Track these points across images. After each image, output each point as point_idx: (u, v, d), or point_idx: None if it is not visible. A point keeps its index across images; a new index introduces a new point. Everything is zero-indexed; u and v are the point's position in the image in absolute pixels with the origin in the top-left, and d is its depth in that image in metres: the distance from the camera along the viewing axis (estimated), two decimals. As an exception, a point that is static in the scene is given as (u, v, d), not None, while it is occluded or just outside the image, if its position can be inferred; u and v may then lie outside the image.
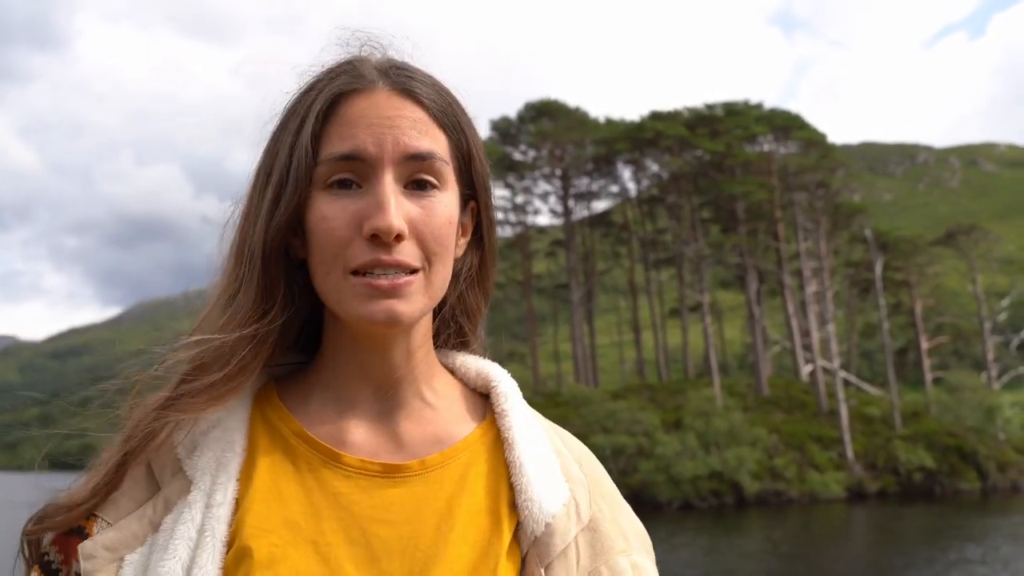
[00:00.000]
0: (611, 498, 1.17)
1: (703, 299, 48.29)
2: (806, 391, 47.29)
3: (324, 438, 1.11)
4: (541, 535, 1.07)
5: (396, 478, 1.09)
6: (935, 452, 41.24)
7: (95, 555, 1.03)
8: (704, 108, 53.13)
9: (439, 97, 1.12)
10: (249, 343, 1.08)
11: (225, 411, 1.11)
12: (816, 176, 47.76)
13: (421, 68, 1.14)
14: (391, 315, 1.04)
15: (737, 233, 47.88)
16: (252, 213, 1.11)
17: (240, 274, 1.10)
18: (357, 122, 1.07)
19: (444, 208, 1.08)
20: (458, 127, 1.12)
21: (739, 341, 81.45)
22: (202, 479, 1.06)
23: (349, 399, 1.14)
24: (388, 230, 1.02)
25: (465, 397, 1.21)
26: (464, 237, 1.18)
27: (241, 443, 1.10)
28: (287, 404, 1.15)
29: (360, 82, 1.09)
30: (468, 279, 1.22)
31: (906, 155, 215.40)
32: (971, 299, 67.49)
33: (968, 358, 69.09)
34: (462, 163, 1.13)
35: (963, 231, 61.95)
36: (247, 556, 1.01)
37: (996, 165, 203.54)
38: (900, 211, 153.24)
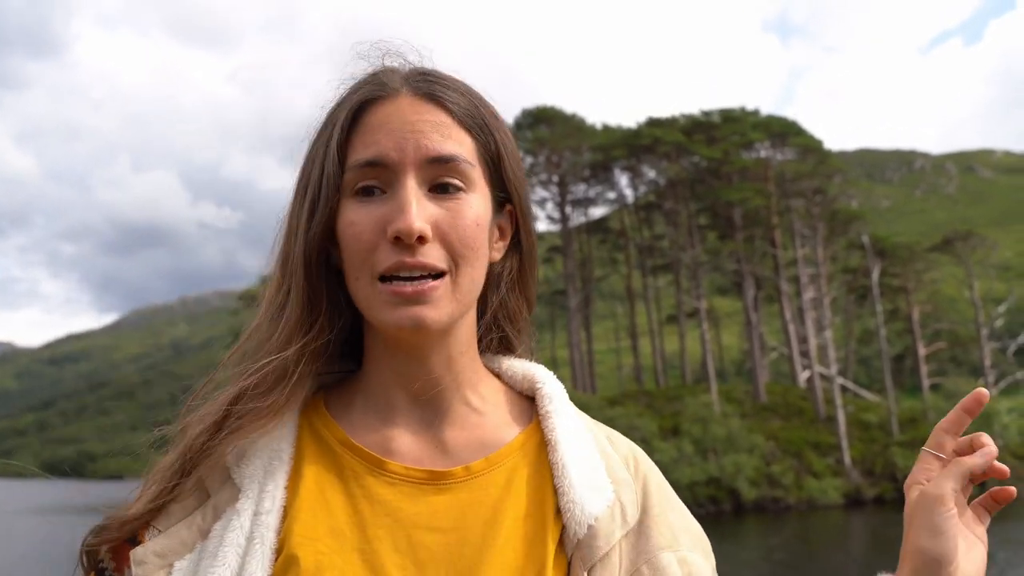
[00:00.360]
0: (662, 497, 1.15)
1: (700, 305, 48.27)
2: (803, 397, 47.28)
3: (369, 446, 1.12)
4: (584, 537, 1.05)
5: (441, 485, 1.09)
6: (932, 458, 41.22)
7: (145, 561, 1.05)
8: (701, 115, 53.17)
9: (464, 100, 1.12)
10: (301, 357, 1.10)
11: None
12: (813, 182, 47.81)
13: (448, 73, 1.15)
14: (417, 321, 1.04)
15: (734, 239, 47.87)
16: (292, 225, 1.13)
17: (285, 286, 1.12)
18: (380, 129, 1.08)
19: (470, 210, 1.08)
20: (485, 129, 1.13)
21: (736, 347, 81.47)
22: (250, 487, 1.07)
23: (392, 407, 1.15)
24: (409, 231, 1.02)
25: (512, 401, 1.20)
26: (503, 240, 1.18)
27: (288, 451, 1.11)
28: (333, 412, 1.17)
29: (383, 90, 1.11)
30: (509, 283, 1.21)
31: (903, 161, 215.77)
32: (968, 305, 67.53)
33: (965, 364, 69.08)
34: (491, 165, 1.13)
35: (960, 237, 61.98)
36: (294, 564, 1.02)
37: (993, 171, 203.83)
38: (897, 217, 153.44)
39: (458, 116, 1.10)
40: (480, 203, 1.10)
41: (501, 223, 1.17)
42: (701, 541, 1.15)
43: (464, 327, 1.14)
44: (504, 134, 1.15)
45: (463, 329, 1.14)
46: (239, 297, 48.09)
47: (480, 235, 1.09)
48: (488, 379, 1.20)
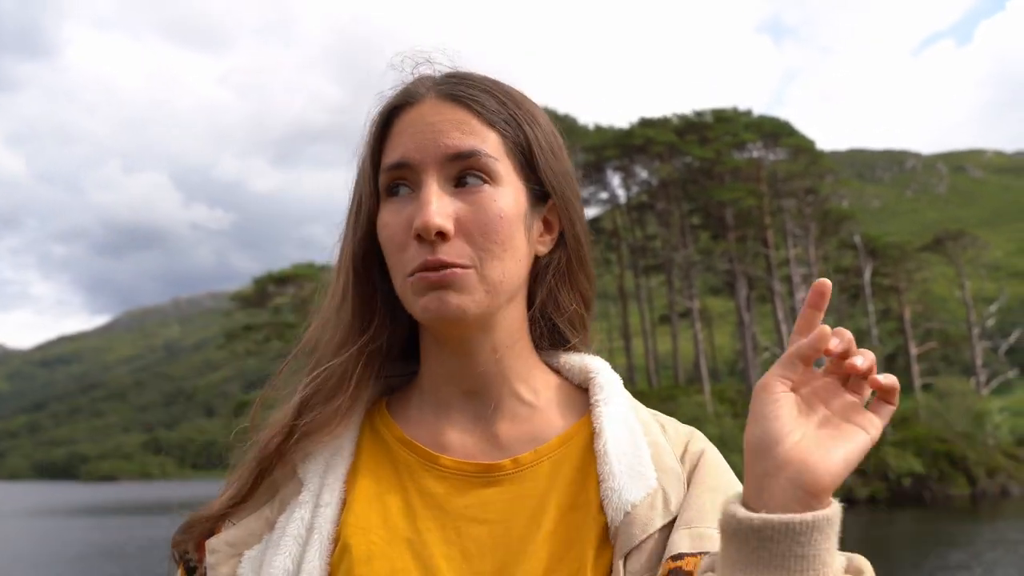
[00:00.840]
0: (704, 478, 1.11)
1: (693, 305, 48.36)
2: (796, 397, 47.34)
3: (423, 441, 1.17)
4: (621, 524, 1.05)
5: (490, 478, 1.12)
6: (924, 458, 41.33)
7: (218, 550, 1.12)
8: (693, 115, 53.22)
9: (489, 97, 1.14)
10: (360, 358, 1.16)
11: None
12: (805, 182, 47.95)
13: (479, 73, 1.18)
14: (443, 304, 1.07)
15: (726, 239, 47.97)
16: (345, 231, 1.20)
17: (340, 291, 1.18)
18: (405, 131, 1.12)
19: (494, 203, 1.09)
20: (513, 123, 1.14)
21: (729, 347, 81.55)
22: (312, 481, 1.14)
23: (444, 403, 1.18)
24: (426, 228, 1.05)
25: (567, 394, 1.21)
26: (549, 234, 1.19)
27: (349, 448, 1.17)
28: (393, 412, 1.23)
29: (410, 96, 1.15)
30: (556, 276, 1.21)
31: (894, 161, 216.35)
32: (959, 305, 67.75)
33: (957, 364, 69.21)
34: (523, 157, 1.15)
35: (951, 237, 62.21)
36: (347, 552, 1.07)
37: (983, 171, 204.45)
38: (888, 217, 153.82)
39: (480, 113, 1.12)
40: (507, 196, 1.11)
41: (547, 217, 1.19)
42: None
43: (508, 319, 1.16)
44: (538, 128, 1.17)
45: (507, 322, 1.16)
46: (231, 298, 48.13)
47: (505, 227, 1.10)
48: (543, 373, 1.22)
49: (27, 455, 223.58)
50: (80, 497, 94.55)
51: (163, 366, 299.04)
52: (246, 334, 44.00)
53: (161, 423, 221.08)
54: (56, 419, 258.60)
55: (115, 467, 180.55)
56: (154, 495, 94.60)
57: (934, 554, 23.05)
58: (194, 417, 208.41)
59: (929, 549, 24.13)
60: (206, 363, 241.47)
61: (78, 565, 27.36)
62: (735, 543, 0.87)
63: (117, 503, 76.60)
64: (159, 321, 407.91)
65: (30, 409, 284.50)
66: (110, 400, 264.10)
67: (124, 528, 44.11)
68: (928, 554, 23.12)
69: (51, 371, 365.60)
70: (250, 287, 45.38)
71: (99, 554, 30.37)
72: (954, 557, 22.28)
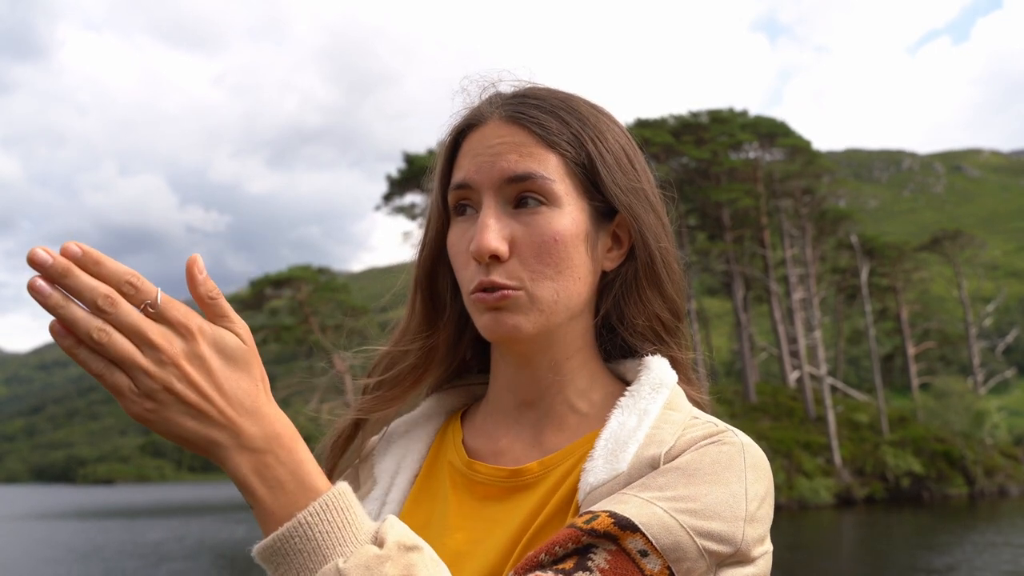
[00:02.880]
0: (682, 469, 1.02)
1: (690, 306, 48.27)
2: (794, 397, 47.39)
3: (477, 449, 1.23)
4: (583, 503, 1.05)
5: (519, 482, 1.16)
6: (923, 457, 41.39)
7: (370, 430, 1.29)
8: (689, 115, 53.16)
9: (551, 117, 1.15)
10: (416, 354, 1.25)
11: (414, 423, 1.31)
12: (801, 183, 47.95)
13: (548, 90, 1.20)
14: (498, 324, 1.12)
15: (723, 240, 47.95)
16: (419, 245, 1.28)
17: (411, 297, 1.27)
18: (468, 153, 1.17)
19: (549, 225, 1.11)
20: (575, 142, 1.15)
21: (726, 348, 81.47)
22: (382, 478, 1.24)
23: (504, 412, 1.24)
24: (480, 252, 1.09)
25: (617, 395, 1.19)
26: (618, 248, 1.20)
27: (421, 452, 1.27)
28: (468, 420, 1.30)
29: (476, 118, 1.19)
30: (623, 290, 1.20)
31: (891, 161, 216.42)
32: (957, 304, 67.85)
33: (955, 363, 69.37)
34: (586, 176, 1.15)
35: (948, 237, 62.21)
36: None
37: (980, 171, 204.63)
38: (885, 217, 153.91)
39: (539, 135, 1.14)
40: (565, 218, 1.12)
41: (617, 231, 1.20)
42: (685, 501, 0.99)
43: (571, 333, 1.19)
44: (603, 144, 1.16)
45: (569, 336, 1.19)
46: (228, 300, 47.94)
47: (560, 249, 1.12)
48: (608, 383, 1.22)
49: (24, 458, 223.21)
50: (77, 500, 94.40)
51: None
52: (243, 337, 43.82)
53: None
54: (53, 422, 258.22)
55: (112, 470, 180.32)
56: (152, 498, 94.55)
57: (932, 554, 23.05)
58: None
59: (927, 549, 24.13)
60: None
61: (76, 568, 27.32)
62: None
63: (114, 506, 76.48)
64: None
65: (27, 412, 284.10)
66: (107, 403, 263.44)
67: (121, 531, 44.06)
68: (926, 554, 23.12)
69: (48, 374, 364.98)
70: (247, 289, 45.22)
71: (96, 557, 30.34)
72: (952, 557, 22.29)
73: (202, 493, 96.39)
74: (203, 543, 36.19)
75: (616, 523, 0.96)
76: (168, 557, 30.24)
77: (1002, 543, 24.60)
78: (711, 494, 1.00)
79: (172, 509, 67.80)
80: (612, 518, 0.96)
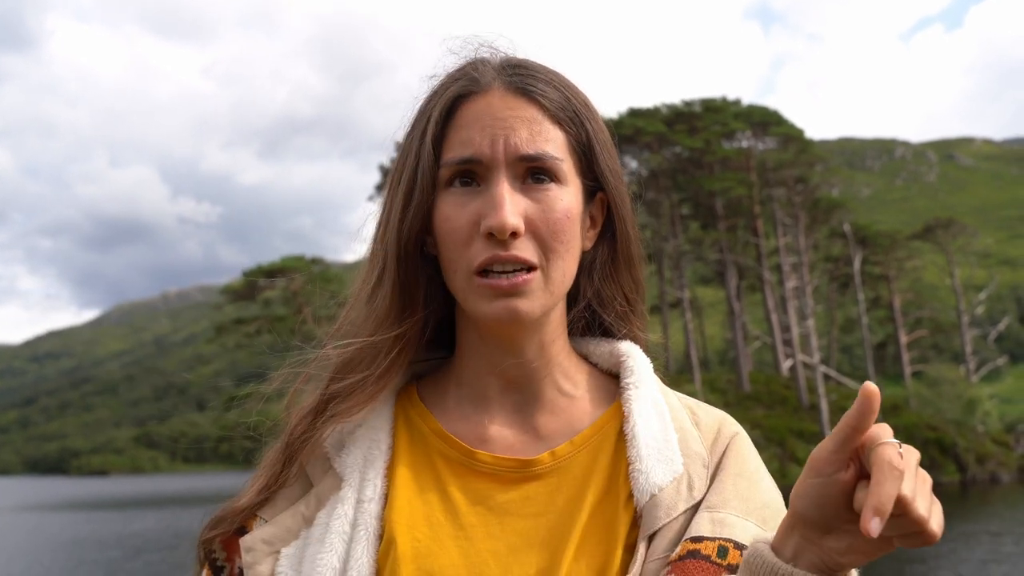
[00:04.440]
0: (732, 465, 1.12)
1: (683, 295, 48.40)
2: (787, 386, 47.51)
3: (463, 435, 1.16)
4: (646, 506, 1.06)
5: (529, 472, 1.12)
6: (915, 445, 39.76)
7: (254, 548, 1.10)
8: (682, 104, 53.14)
9: (556, 93, 1.14)
10: (396, 342, 1.14)
11: (369, 411, 1.18)
12: (794, 171, 47.96)
13: (542, 64, 1.17)
14: (512, 313, 1.07)
15: (717, 229, 47.99)
16: (385, 216, 1.16)
17: (376, 275, 1.16)
18: (473, 124, 1.10)
19: (561, 203, 1.10)
20: (577, 121, 1.14)
21: (720, 337, 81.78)
22: (351, 476, 1.12)
23: (484, 396, 1.18)
24: (502, 228, 1.05)
25: (599, 382, 1.22)
26: (594, 228, 1.20)
27: (387, 441, 1.16)
28: (427, 402, 1.21)
29: (476, 85, 1.13)
30: (601, 271, 1.21)
31: (884, 150, 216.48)
32: (949, 293, 67.95)
33: (947, 351, 69.54)
34: (583, 156, 1.15)
35: (941, 225, 62.30)
36: (393, 549, 1.06)
37: (973, 160, 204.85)
38: (878, 206, 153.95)
39: (549, 110, 1.12)
40: (571, 196, 1.12)
41: (592, 211, 1.19)
42: (762, 511, 1.09)
43: (555, 315, 1.16)
44: (597, 124, 1.17)
45: (554, 317, 1.16)
46: (221, 292, 47.90)
47: (571, 227, 1.11)
48: (579, 362, 1.22)
49: (18, 450, 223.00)
50: (71, 492, 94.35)
51: (153, 360, 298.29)
52: (236, 327, 43.83)
53: (152, 417, 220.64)
54: (47, 414, 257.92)
55: (106, 461, 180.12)
56: (145, 489, 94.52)
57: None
58: (185, 411, 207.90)
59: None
60: (196, 357, 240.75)
61: (69, 559, 27.33)
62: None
63: (108, 497, 76.42)
64: (149, 315, 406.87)
65: (20, 404, 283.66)
66: (101, 394, 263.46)
67: (115, 522, 44.02)
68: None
69: (41, 366, 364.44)
70: (240, 280, 45.23)
71: (90, 548, 30.33)
72: (946, 543, 22.37)
73: (194, 483, 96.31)
74: (184, 533, 36.21)
75: (741, 553, 1.02)
76: (147, 548, 30.17)
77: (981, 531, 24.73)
78: (767, 491, 1.12)
79: (163, 500, 67.71)
80: (738, 549, 1.02)
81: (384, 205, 1.17)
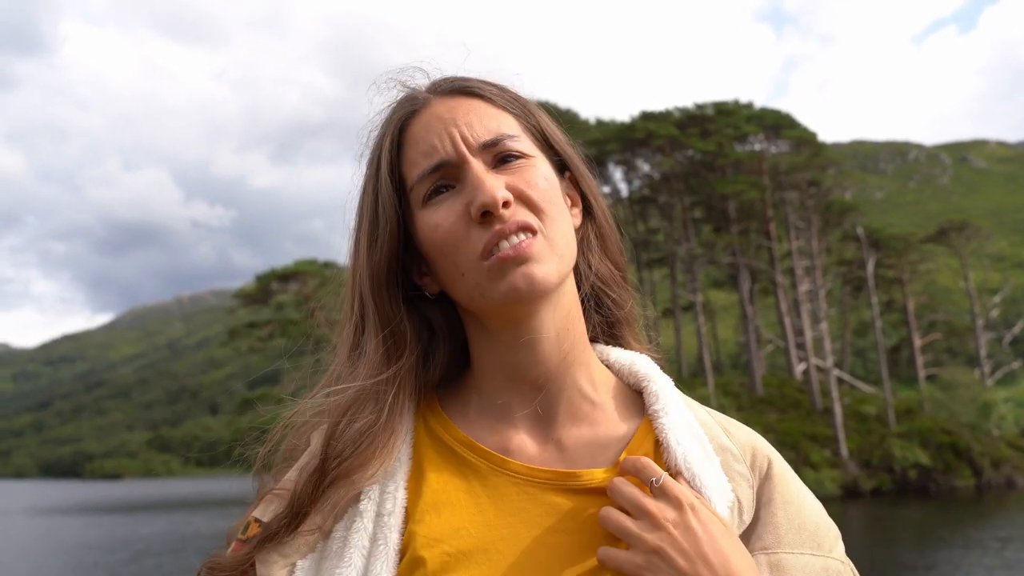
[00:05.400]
0: (775, 491, 1.12)
1: (696, 299, 48.29)
2: (800, 390, 47.34)
3: (489, 445, 1.13)
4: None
5: (564, 486, 1.09)
6: (930, 449, 41.31)
7: (269, 560, 1.08)
8: (695, 108, 53.10)
9: (490, 86, 1.17)
10: (388, 386, 1.12)
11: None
12: (807, 175, 47.80)
13: (468, 74, 1.20)
14: (530, 278, 1.05)
15: (729, 232, 47.89)
16: (355, 261, 1.16)
17: (355, 320, 1.15)
18: (427, 135, 1.12)
19: (537, 171, 1.12)
20: (518, 104, 1.17)
21: (732, 340, 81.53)
22: (371, 488, 1.09)
23: (505, 403, 1.16)
24: (493, 200, 1.05)
25: (622, 393, 1.20)
26: (575, 207, 1.20)
27: (407, 452, 1.13)
28: (448, 412, 1.19)
29: (416, 103, 1.16)
30: (593, 248, 1.22)
31: (897, 153, 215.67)
32: (963, 296, 67.67)
33: (961, 355, 69.20)
34: (537, 133, 1.17)
35: (955, 228, 62.06)
36: (420, 566, 1.03)
37: (987, 162, 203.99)
38: (891, 209, 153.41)
39: (491, 99, 1.15)
40: (544, 165, 1.14)
41: (567, 191, 1.20)
42: (814, 535, 1.11)
43: (568, 297, 1.15)
44: (539, 111, 1.20)
45: (567, 299, 1.15)
46: (234, 295, 47.99)
47: (554, 193, 1.12)
48: (598, 367, 1.20)
49: (32, 453, 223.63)
50: (85, 495, 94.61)
51: (167, 364, 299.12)
52: (249, 331, 43.90)
53: (165, 421, 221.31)
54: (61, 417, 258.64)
55: (120, 465, 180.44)
56: (159, 493, 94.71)
57: (938, 546, 23.03)
58: (198, 415, 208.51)
59: (934, 541, 24.11)
60: (210, 360, 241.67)
61: (82, 562, 27.40)
62: None
63: (122, 501, 76.62)
64: (162, 319, 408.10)
65: (35, 408, 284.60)
66: (114, 398, 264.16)
67: (128, 526, 44.15)
68: (933, 545, 23.11)
69: (55, 370, 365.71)
70: (253, 284, 45.28)
71: (103, 552, 30.41)
72: (958, 549, 22.27)
73: (207, 487, 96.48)
74: (190, 536, 36.22)
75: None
76: (150, 552, 30.19)
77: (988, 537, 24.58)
78: (812, 510, 1.13)
79: (175, 503, 67.84)
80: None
81: (352, 254, 1.17)
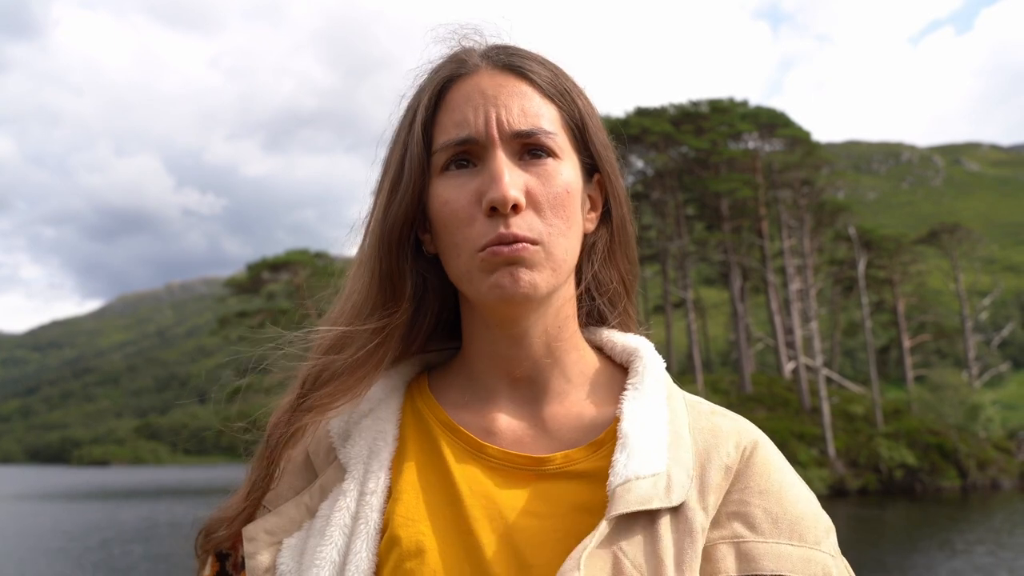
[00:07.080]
0: (761, 480, 1.07)
1: (687, 296, 48.36)
2: (789, 388, 47.45)
3: (470, 427, 1.13)
4: (617, 488, 1.00)
5: (540, 471, 1.08)
6: (916, 450, 41.43)
7: (256, 538, 1.09)
8: (689, 105, 53.09)
9: (545, 70, 1.13)
10: (374, 335, 1.12)
11: (377, 401, 1.16)
12: (800, 174, 47.85)
13: (526, 47, 1.16)
14: (516, 280, 1.04)
15: (721, 230, 47.98)
16: (372, 208, 1.16)
17: (363, 268, 1.15)
18: (464, 105, 1.09)
19: (560, 176, 1.09)
20: (567, 96, 1.13)
21: (723, 338, 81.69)
22: (355, 468, 1.10)
23: (491, 387, 1.15)
24: (504, 200, 1.03)
25: (609, 375, 1.18)
26: (594, 211, 1.18)
27: (393, 432, 1.13)
28: (437, 393, 1.19)
29: (464, 67, 1.13)
30: (601, 255, 1.20)
31: (890, 154, 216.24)
32: (953, 298, 67.82)
33: (950, 356, 69.44)
34: (576, 132, 1.14)
35: (946, 230, 62.20)
36: (396, 544, 1.03)
37: (979, 165, 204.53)
38: (884, 209, 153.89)
39: (540, 85, 1.11)
40: (570, 170, 1.11)
41: (591, 193, 1.18)
42: (796, 526, 1.04)
43: (561, 299, 1.14)
44: (586, 101, 1.16)
45: (560, 301, 1.13)
46: (225, 284, 47.93)
47: (571, 202, 1.10)
48: (587, 352, 1.19)
49: (19, 439, 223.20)
50: (72, 481, 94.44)
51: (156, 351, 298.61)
52: (239, 320, 43.79)
53: (154, 408, 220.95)
54: (49, 403, 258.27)
55: (107, 452, 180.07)
56: (146, 480, 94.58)
57: (923, 545, 23.13)
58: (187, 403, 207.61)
59: (918, 541, 24.20)
60: (199, 349, 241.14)
61: (69, 549, 27.36)
62: None
63: (109, 488, 76.50)
64: (152, 306, 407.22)
65: (23, 393, 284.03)
66: (103, 385, 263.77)
67: (116, 512, 44.09)
68: (917, 545, 23.20)
69: (44, 355, 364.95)
70: (244, 273, 45.25)
71: (72, 538, 30.36)
72: (943, 550, 22.36)
73: (195, 475, 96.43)
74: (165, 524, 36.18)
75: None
76: (120, 539, 30.06)
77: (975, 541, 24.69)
78: (796, 502, 1.07)
79: (159, 491, 67.76)
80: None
81: (373, 200, 1.17)
